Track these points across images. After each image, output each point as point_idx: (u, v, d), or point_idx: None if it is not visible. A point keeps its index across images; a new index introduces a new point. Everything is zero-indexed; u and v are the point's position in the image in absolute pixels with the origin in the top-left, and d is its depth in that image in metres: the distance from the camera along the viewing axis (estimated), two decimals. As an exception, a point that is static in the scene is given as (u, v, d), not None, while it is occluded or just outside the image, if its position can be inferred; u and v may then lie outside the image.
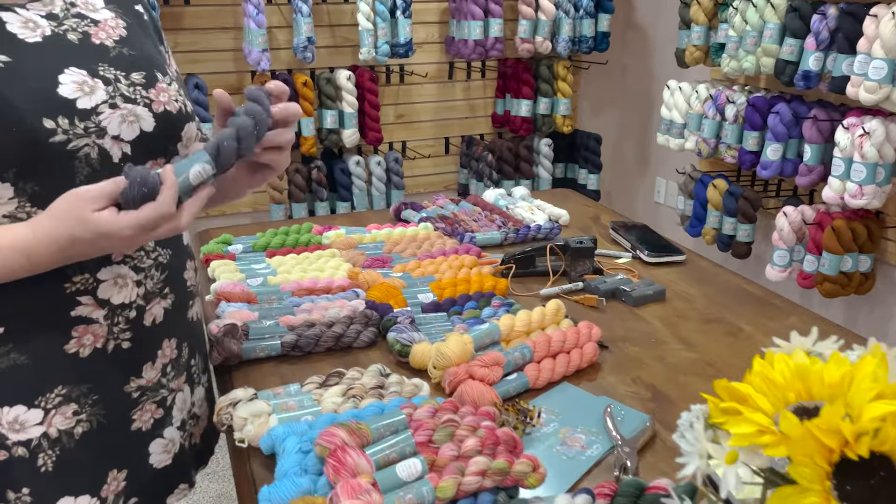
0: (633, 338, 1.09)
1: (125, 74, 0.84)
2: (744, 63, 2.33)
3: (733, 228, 2.51)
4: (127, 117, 0.81)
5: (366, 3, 2.47)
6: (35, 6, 0.82)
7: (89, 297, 0.81)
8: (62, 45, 0.81)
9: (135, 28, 0.90)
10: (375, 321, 1.11)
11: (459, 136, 3.04)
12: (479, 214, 1.55)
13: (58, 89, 0.78)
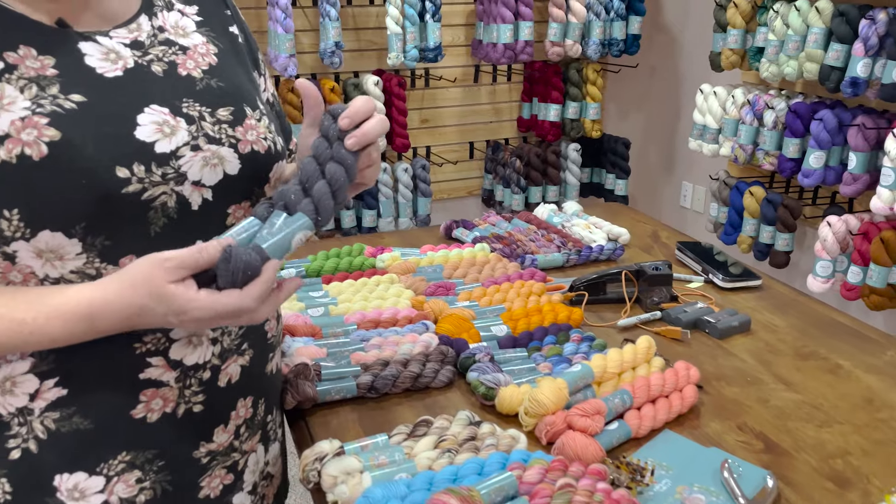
0: (727, 376, 1.03)
1: (210, 111, 0.76)
2: (785, 68, 2.27)
3: (771, 237, 2.46)
4: (210, 160, 0.74)
5: (395, 7, 2.40)
6: (119, 33, 0.75)
7: (160, 357, 0.74)
8: (144, 79, 0.74)
9: (227, 54, 0.82)
10: (452, 358, 1.05)
11: (484, 140, 2.98)
12: (535, 233, 1.49)
13: (135, 132, 0.70)
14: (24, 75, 0.67)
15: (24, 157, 0.64)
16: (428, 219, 2.76)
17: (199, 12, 0.83)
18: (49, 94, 0.68)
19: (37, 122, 0.66)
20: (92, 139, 0.68)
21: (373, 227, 2.67)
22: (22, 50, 0.68)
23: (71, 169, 0.66)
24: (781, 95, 2.43)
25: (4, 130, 0.64)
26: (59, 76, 0.69)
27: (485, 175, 3.00)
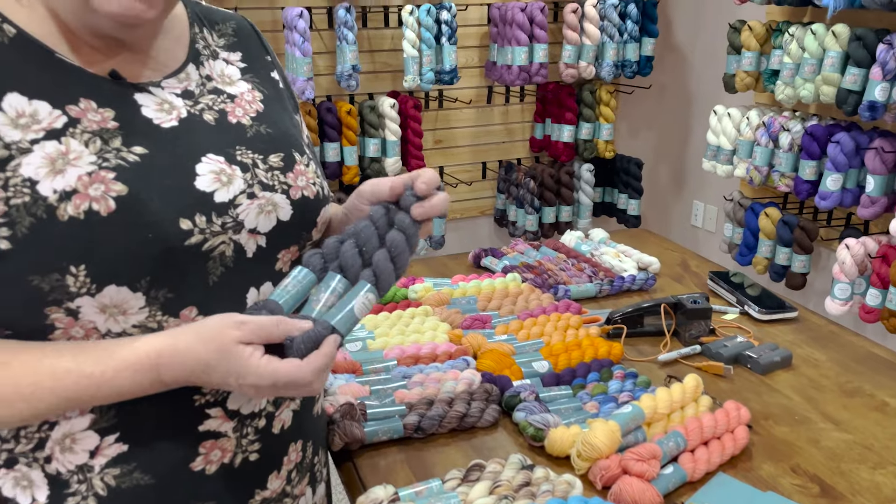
0: (774, 415, 1.02)
1: (263, 157, 0.77)
2: (801, 91, 2.28)
3: (788, 259, 2.46)
4: (265, 207, 0.74)
5: (411, 31, 2.40)
6: (170, 83, 0.75)
7: (219, 408, 0.74)
8: (198, 129, 0.74)
9: (271, 100, 0.83)
10: (496, 397, 1.04)
11: (497, 160, 2.98)
12: (565, 262, 1.49)
13: (195, 182, 0.70)
14: (87, 129, 0.67)
15: (92, 212, 0.64)
16: (442, 240, 2.76)
17: (242, 59, 0.84)
18: (113, 147, 0.67)
19: (104, 177, 0.65)
20: (156, 192, 0.67)
21: (387, 248, 2.66)
22: (83, 103, 0.68)
23: (138, 223, 0.66)
24: (796, 117, 2.44)
25: (72, 186, 0.64)
26: (120, 129, 0.69)
27: (497, 195, 3.00)
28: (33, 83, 0.66)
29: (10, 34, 0.66)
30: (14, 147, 0.63)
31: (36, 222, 0.62)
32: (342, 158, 2.50)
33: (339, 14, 2.32)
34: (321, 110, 2.44)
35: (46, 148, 0.64)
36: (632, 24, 2.69)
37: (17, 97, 0.65)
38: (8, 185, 0.62)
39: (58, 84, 0.67)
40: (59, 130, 0.65)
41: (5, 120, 0.63)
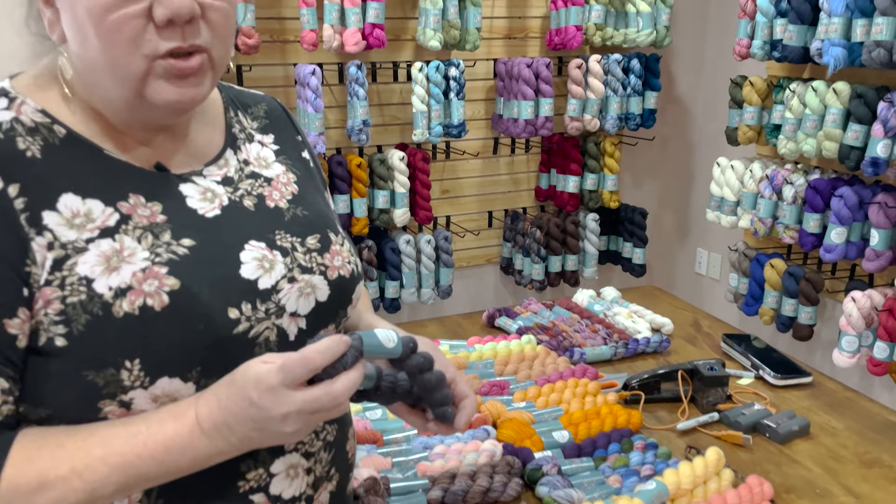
0: (796, 488, 1.03)
1: (301, 240, 0.79)
2: (803, 146, 2.33)
3: (794, 310, 2.47)
4: (304, 290, 0.77)
5: (421, 87, 2.45)
6: (211, 171, 0.78)
7: (262, 494, 0.75)
8: (240, 215, 0.77)
9: (304, 181, 0.86)
10: (518, 470, 1.05)
11: (502, 209, 3.01)
12: (578, 323, 1.50)
13: (240, 271, 0.73)
14: (138, 224, 0.69)
15: (147, 307, 0.66)
16: (450, 289, 2.77)
17: (275, 140, 0.87)
18: (163, 241, 0.70)
19: (157, 272, 0.67)
20: (206, 284, 0.70)
21: (395, 297, 2.68)
22: (132, 199, 0.70)
23: (190, 316, 0.68)
24: (799, 170, 2.48)
25: (127, 283, 0.66)
26: (168, 222, 0.71)
27: (503, 243, 3.02)
28: (86, 182, 0.68)
29: (61, 134, 0.69)
30: (70, 247, 0.65)
31: (92, 319, 0.64)
32: (351, 210, 2.53)
33: (351, 71, 2.37)
34: (332, 163, 2.47)
35: (101, 246, 0.66)
36: (635, 79, 2.75)
37: (72, 197, 0.67)
38: (65, 284, 0.64)
39: (108, 181, 0.70)
40: (113, 228, 0.68)
41: (61, 220, 0.66)
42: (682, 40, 3.06)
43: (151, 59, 0.66)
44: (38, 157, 0.66)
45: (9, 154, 0.65)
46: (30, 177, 0.65)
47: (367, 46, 2.34)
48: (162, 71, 0.67)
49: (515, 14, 2.78)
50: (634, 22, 2.68)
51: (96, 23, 0.64)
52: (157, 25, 0.65)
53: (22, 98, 0.69)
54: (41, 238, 0.64)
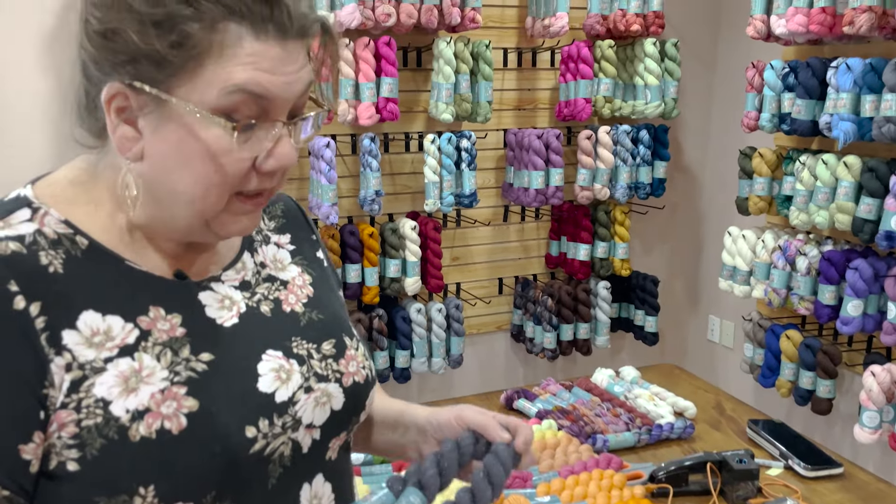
0: None
1: (316, 346, 0.78)
2: (815, 217, 2.33)
3: (812, 383, 2.43)
4: (320, 400, 0.75)
5: (433, 158, 2.48)
6: (229, 275, 0.77)
7: None
8: (257, 323, 0.76)
9: (320, 282, 0.85)
10: (546, 572, 1.00)
11: (513, 276, 3.00)
12: (599, 406, 1.47)
13: (258, 385, 0.71)
14: (157, 341, 0.68)
15: (164, 431, 0.64)
16: (461, 358, 2.74)
17: (291, 240, 0.87)
18: (182, 357, 0.68)
19: (176, 393, 0.66)
20: (225, 403, 0.68)
21: (406, 367, 2.64)
22: (152, 311, 0.69)
23: (207, 439, 0.66)
24: (812, 241, 2.48)
25: (145, 405, 0.64)
26: (187, 335, 0.70)
27: (514, 310, 3.00)
28: (106, 297, 0.67)
29: (83, 245, 0.68)
30: (88, 367, 0.63)
31: (107, 444, 0.62)
32: (363, 279, 2.52)
33: (364, 143, 2.40)
34: (344, 233, 2.48)
35: (120, 366, 0.65)
36: (644, 149, 2.77)
37: (92, 314, 0.65)
38: (81, 407, 0.62)
39: (128, 294, 0.68)
40: (132, 346, 0.66)
41: (80, 339, 0.64)
42: (689, 111, 3.11)
43: (234, 194, 0.68)
44: (60, 272, 0.65)
45: (31, 270, 0.63)
46: (51, 294, 0.64)
47: (381, 120, 2.37)
48: (237, 208, 0.69)
49: (525, 86, 2.83)
50: (643, 94, 2.72)
51: (207, 160, 0.64)
52: (259, 171, 0.67)
53: (45, 208, 0.68)
54: (60, 358, 0.62)
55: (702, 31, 3.07)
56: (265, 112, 0.65)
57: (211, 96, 0.63)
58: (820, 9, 2.24)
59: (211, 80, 0.63)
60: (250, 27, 0.63)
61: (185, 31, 0.61)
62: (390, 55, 2.34)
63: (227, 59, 0.62)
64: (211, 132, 0.64)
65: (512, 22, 2.75)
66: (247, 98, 0.64)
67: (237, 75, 0.63)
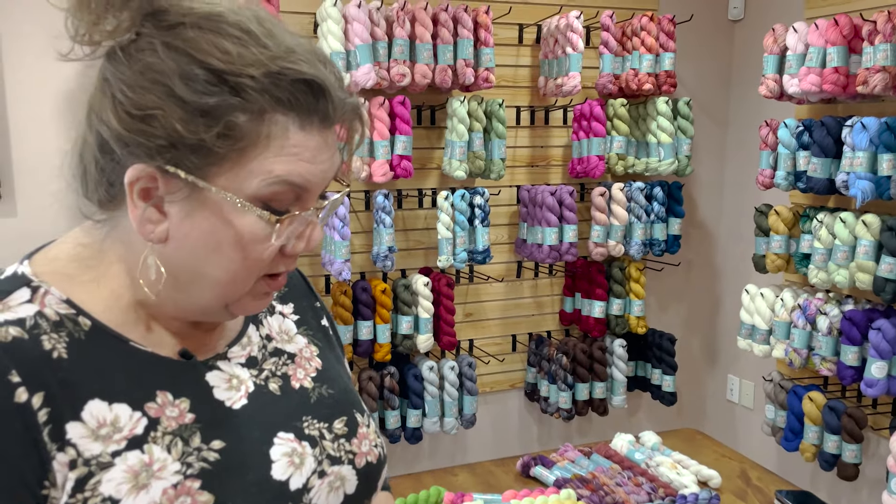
0: None
1: (328, 426, 0.75)
2: (835, 276, 2.29)
3: (837, 447, 2.35)
4: (333, 484, 0.73)
5: (446, 214, 2.48)
6: (235, 352, 0.74)
7: None
8: (266, 402, 0.73)
9: (326, 352, 0.83)
10: None
11: (526, 333, 2.96)
12: (620, 475, 1.41)
13: (272, 472, 0.68)
14: (167, 430, 0.64)
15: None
16: (473, 418, 2.68)
17: (294, 310, 0.85)
18: (193, 446, 0.65)
19: (189, 488, 0.62)
20: (241, 496, 0.64)
21: (417, 427, 2.59)
22: (160, 397, 0.66)
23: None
24: (832, 300, 2.43)
25: (157, 502, 0.60)
26: (196, 421, 0.66)
27: (528, 368, 2.95)
28: (112, 382, 0.63)
29: (86, 327, 0.64)
30: (94, 462, 0.60)
31: None
32: (375, 336, 2.49)
33: (378, 200, 2.40)
34: (356, 289, 2.46)
35: (129, 460, 0.61)
36: (658, 206, 2.76)
37: (98, 403, 0.62)
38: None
39: (134, 379, 0.65)
40: (141, 437, 0.62)
41: (86, 432, 0.60)
42: (703, 168, 3.11)
43: (260, 278, 0.67)
44: (65, 357, 0.61)
45: (34, 358, 0.59)
46: (55, 383, 0.60)
47: (395, 177, 2.38)
48: (259, 290, 0.68)
49: (538, 143, 2.85)
50: (656, 152, 2.73)
51: (239, 247, 0.63)
52: (286, 255, 0.67)
53: (45, 287, 0.64)
54: (63, 455, 0.58)
55: (714, 89, 3.10)
56: (300, 200, 0.65)
57: (251, 186, 0.61)
58: (833, 69, 2.25)
59: (253, 170, 0.61)
60: (296, 118, 0.62)
61: (232, 121, 0.59)
62: (405, 114, 2.36)
63: (273, 150, 0.61)
64: (246, 220, 0.62)
65: (525, 81, 2.79)
66: (287, 189, 0.63)
67: (280, 167, 0.62)
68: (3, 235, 2.19)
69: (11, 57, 2.19)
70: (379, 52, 2.31)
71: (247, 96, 0.59)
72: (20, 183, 2.24)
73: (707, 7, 3.02)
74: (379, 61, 2.31)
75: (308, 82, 0.61)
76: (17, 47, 2.19)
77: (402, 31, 2.32)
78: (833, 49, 2.25)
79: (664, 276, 3.11)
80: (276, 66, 0.60)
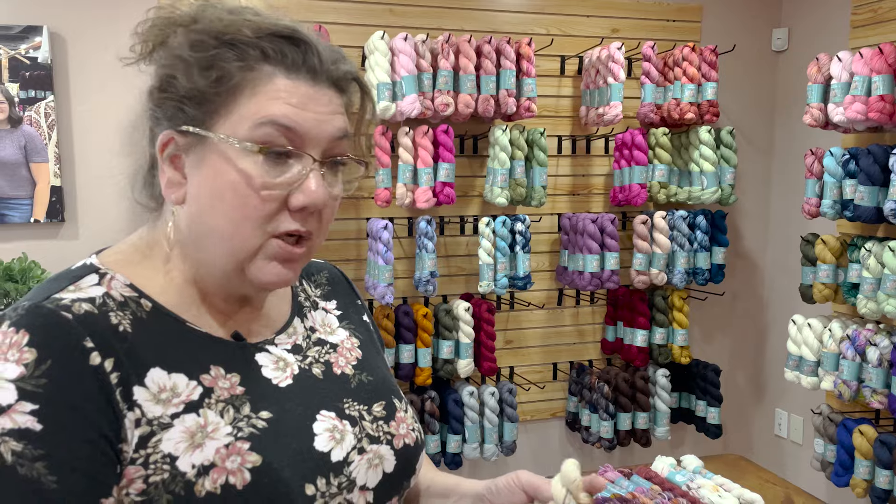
0: None
1: (367, 408, 0.80)
2: (885, 306, 2.24)
3: (889, 482, 2.27)
4: (372, 461, 0.76)
5: (487, 241, 2.52)
6: (282, 339, 0.79)
7: None
8: (310, 384, 0.77)
9: (367, 345, 0.88)
10: None
11: (568, 361, 2.95)
12: (660, 496, 1.40)
13: (314, 444, 0.72)
14: (220, 398, 0.70)
15: (229, 486, 0.65)
16: (514, 445, 2.67)
17: (337, 306, 0.90)
18: (244, 414, 0.70)
19: (240, 448, 0.67)
20: (286, 458, 0.69)
21: (457, 452, 2.59)
22: (213, 370, 0.71)
23: (270, 494, 0.66)
24: (882, 331, 2.37)
25: (210, 460, 0.65)
26: (246, 393, 0.72)
27: (569, 397, 2.93)
28: (170, 355, 0.69)
29: (147, 308, 0.71)
30: (156, 423, 0.65)
31: (173, 500, 0.63)
32: (416, 360, 2.52)
33: (421, 226, 2.46)
34: (398, 314, 2.51)
35: (186, 422, 0.66)
36: (701, 235, 2.75)
37: (159, 371, 0.67)
38: (148, 463, 0.63)
39: (190, 354, 0.71)
40: (197, 402, 0.68)
41: (148, 396, 0.66)
42: (747, 198, 3.09)
43: (269, 236, 0.70)
44: (129, 331, 0.67)
45: (104, 329, 0.66)
46: (122, 351, 0.66)
47: (438, 203, 2.43)
48: (272, 251, 0.71)
49: (579, 172, 2.88)
50: (699, 181, 2.73)
51: (240, 195, 0.68)
52: (290, 209, 0.70)
53: (112, 273, 0.71)
54: (132, 414, 0.64)
55: (758, 119, 3.09)
56: (295, 148, 0.69)
57: (244, 129, 0.68)
58: (879, 97, 2.24)
59: (244, 114, 0.68)
60: (283, 69, 0.69)
61: (224, 67, 0.68)
62: (448, 142, 2.43)
63: (260, 94, 0.68)
64: (244, 163, 0.68)
65: (566, 111, 2.83)
66: (278, 131, 0.68)
67: (268, 108, 0.68)
68: (66, 257, 2.32)
69: (78, 88, 2.33)
70: (424, 82, 2.39)
71: (239, 50, 0.68)
72: (82, 208, 2.37)
73: (751, 38, 3.03)
74: (424, 91, 2.39)
75: (292, 38, 0.70)
76: (82, 80, 2.34)
77: (447, 62, 2.40)
78: (878, 77, 2.24)
79: (709, 307, 3.08)
80: (265, 25, 0.69)
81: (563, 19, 2.78)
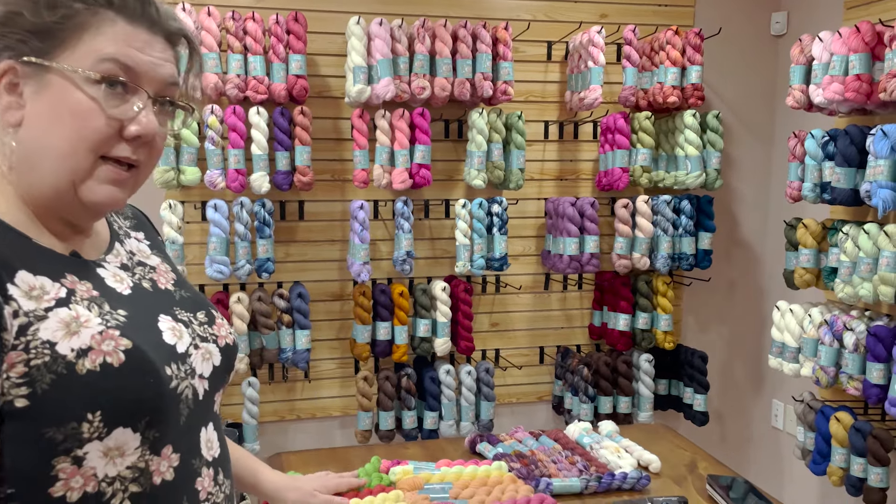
0: None
1: (193, 315, 0.91)
2: (860, 290, 2.18)
3: (863, 470, 2.21)
4: (205, 356, 0.88)
5: (464, 222, 2.57)
6: (110, 258, 0.89)
7: None
8: (145, 295, 0.88)
9: (175, 270, 0.97)
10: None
11: (555, 345, 2.97)
12: (559, 454, 1.44)
13: (163, 338, 0.84)
14: (83, 297, 0.79)
15: (107, 364, 0.75)
16: (491, 424, 2.72)
17: (146, 237, 1.00)
18: (106, 310, 0.80)
19: (112, 334, 0.77)
20: (148, 345, 0.80)
21: (434, 429, 2.66)
22: (69, 277, 0.80)
23: (143, 371, 0.77)
24: (864, 316, 2.31)
25: (87, 344, 0.75)
26: (101, 296, 0.81)
27: (555, 381, 2.95)
28: (31, 262, 0.78)
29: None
30: (32, 315, 0.74)
31: (56, 378, 0.73)
32: (392, 337, 2.60)
33: (398, 206, 2.54)
34: (375, 291, 2.59)
35: (60, 314, 0.76)
36: (686, 219, 2.73)
37: (25, 273, 0.76)
38: (29, 348, 0.73)
39: (45, 263, 0.80)
40: (65, 299, 0.77)
41: (20, 293, 0.75)
42: (747, 185, 3.04)
43: (101, 160, 0.80)
44: None
45: None
46: None
47: (414, 184, 2.51)
48: (104, 175, 0.80)
49: (567, 157, 2.90)
50: (683, 165, 2.71)
51: (80, 118, 0.77)
52: (124, 137, 0.80)
53: None
54: (8, 307, 0.73)
55: (758, 105, 3.04)
56: (133, 84, 0.79)
57: (87, 63, 0.77)
58: (855, 76, 2.19)
59: (87, 51, 0.77)
60: (125, 16, 0.79)
61: (70, 5, 0.77)
62: (424, 125, 2.50)
63: (103, 35, 0.78)
64: (83, 92, 0.77)
65: (553, 97, 2.86)
66: (118, 67, 0.78)
67: (110, 47, 0.78)
68: None
69: None
70: (400, 66, 2.47)
71: None
72: None
73: (749, 22, 2.98)
74: (400, 75, 2.47)
75: None
76: None
77: (423, 46, 2.47)
78: (855, 56, 2.19)
79: (704, 295, 3.04)
80: None
81: (550, 5, 2.81)
